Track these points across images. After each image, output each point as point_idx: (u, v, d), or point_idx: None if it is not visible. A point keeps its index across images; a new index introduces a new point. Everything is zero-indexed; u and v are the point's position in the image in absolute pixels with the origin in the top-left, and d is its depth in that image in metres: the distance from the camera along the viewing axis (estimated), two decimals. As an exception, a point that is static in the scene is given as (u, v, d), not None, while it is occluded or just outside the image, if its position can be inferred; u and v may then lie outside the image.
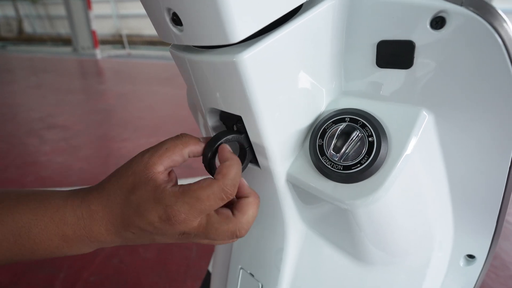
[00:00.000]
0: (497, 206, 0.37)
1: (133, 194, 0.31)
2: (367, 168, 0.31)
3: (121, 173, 0.33)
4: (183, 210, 0.30)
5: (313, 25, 0.29)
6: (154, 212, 0.31)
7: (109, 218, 0.32)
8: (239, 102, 0.30)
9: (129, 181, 0.32)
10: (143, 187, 0.31)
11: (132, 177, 0.32)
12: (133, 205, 0.31)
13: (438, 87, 0.30)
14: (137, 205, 0.31)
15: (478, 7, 0.25)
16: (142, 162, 0.32)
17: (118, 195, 0.32)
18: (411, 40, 0.29)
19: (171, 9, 0.26)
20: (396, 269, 0.42)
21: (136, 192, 0.31)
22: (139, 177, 0.32)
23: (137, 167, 0.32)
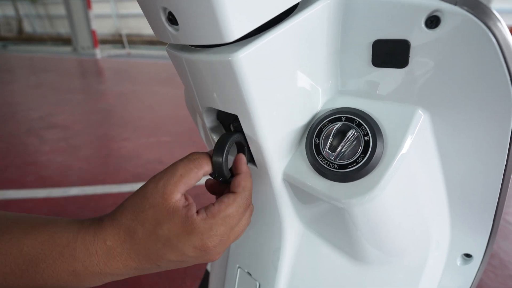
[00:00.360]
0: (494, 205, 0.37)
1: (160, 229, 0.31)
2: (363, 167, 0.31)
3: (137, 207, 0.32)
4: (219, 233, 0.31)
5: (308, 24, 0.29)
6: (189, 243, 0.31)
7: (129, 254, 0.31)
8: (235, 101, 0.30)
9: (149, 216, 0.31)
10: (170, 221, 0.31)
11: (152, 210, 0.31)
12: (162, 240, 0.31)
13: (434, 86, 0.30)
14: (167, 239, 0.31)
15: (472, 6, 0.25)
16: (158, 193, 0.31)
17: (140, 231, 0.31)
18: (406, 39, 0.29)
19: (167, 8, 0.26)
20: (393, 268, 0.42)
21: (163, 227, 0.30)
22: (160, 211, 0.31)
23: (154, 199, 0.31)
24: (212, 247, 0.31)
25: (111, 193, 2.11)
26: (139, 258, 0.31)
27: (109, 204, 1.97)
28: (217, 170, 0.33)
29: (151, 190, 0.31)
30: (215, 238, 0.31)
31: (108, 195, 2.09)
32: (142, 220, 0.31)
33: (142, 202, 0.31)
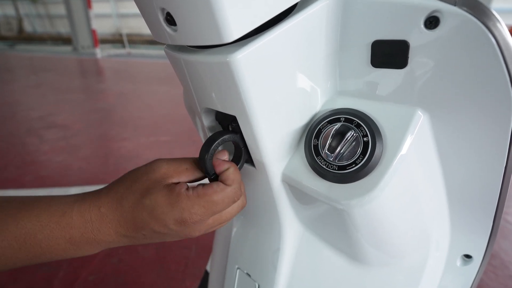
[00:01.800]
0: (494, 206, 0.37)
1: (146, 198, 0.32)
2: (362, 168, 0.31)
3: (135, 178, 0.34)
4: (199, 213, 0.32)
5: (307, 24, 0.29)
6: (170, 215, 0.32)
7: (119, 221, 0.33)
8: (233, 102, 0.30)
9: (143, 186, 0.33)
10: (157, 191, 0.32)
11: (147, 183, 0.33)
12: (147, 209, 0.32)
13: (433, 87, 0.30)
14: (151, 208, 0.32)
15: (471, 7, 0.25)
16: (160, 171, 0.33)
17: (130, 199, 0.33)
18: (406, 40, 0.28)
19: (165, 9, 0.26)
20: (393, 269, 0.42)
21: (149, 196, 0.32)
22: (154, 184, 0.33)
23: (154, 174, 0.33)
24: (191, 223, 0.33)
25: (111, 193, 2.11)
26: (127, 225, 0.33)
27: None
28: (201, 165, 0.34)
29: (154, 168, 0.34)
30: (195, 216, 0.32)
31: (108, 195, 2.08)
32: (135, 189, 0.33)
33: (141, 175, 0.34)
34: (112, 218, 0.33)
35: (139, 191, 0.33)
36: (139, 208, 0.32)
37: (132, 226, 0.33)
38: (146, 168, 0.34)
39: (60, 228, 0.32)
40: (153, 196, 0.32)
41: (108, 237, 0.33)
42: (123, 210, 0.33)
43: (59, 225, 0.32)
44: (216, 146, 0.33)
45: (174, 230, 0.33)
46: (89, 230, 0.33)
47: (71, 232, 0.32)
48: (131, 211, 0.33)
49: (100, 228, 0.33)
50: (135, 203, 0.33)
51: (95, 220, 0.33)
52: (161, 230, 0.33)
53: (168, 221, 0.32)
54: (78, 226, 0.32)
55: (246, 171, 0.38)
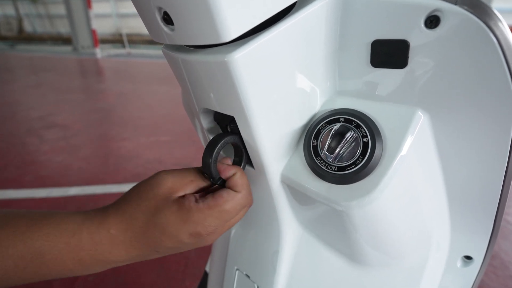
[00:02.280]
0: (494, 207, 0.37)
1: (157, 217, 0.32)
2: (362, 169, 0.31)
3: (141, 196, 0.33)
4: (213, 224, 0.32)
5: (306, 24, 0.29)
6: (184, 231, 0.32)
7: (131, 242, 0.33)
8: (231, 102, 0.29)
9: (151, 204, 0.32)
10: (167, 208, 0.32)
11: (154, 200, 0.32)
12: (159, 228, 0.32)
13: (434, 87, 0.29)
14: (163, 227, 0.32)
15: (472, 6, 0.25)
16: (165, 186, 0.33)
17: (140, 219, 0.32)
18: (406, 39, 0.28)
19: (162, 8, 0.26)
20: (393, 270, 0.42)
21: (159, 215, 0.32)
22: (161, 201, 0.32)
23: (159, 190, 0.33)
24: (206, 235, 0.33)
25: (111, 193, 2.11)
26: (140, 245, 0.33)
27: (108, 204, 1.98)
28: (205, 171, 0.34)
29: (159, 183, 0.33)
30: (209, 228, 0.32)
31: (107, 194, 2.09)
32: (144, 208, 0.32)
33: (147, 192, 0.33)
34: (123, 239, 0.32)
35: (149, 209, 0.32)
36: (151, 227, 0.32)
37: (144, 246, 0.33)
38: (151, 183, 0.33)
39: (70, 250, 0.31)
40: (164, 214, 0.32)
41: (119, 258, 0.33)
42: (134, 231, 0.32)
43: (69, 246, 0.31)
44: (219, 149, 0.33)
45: (189, 244, 0.33)
46: (99, 252, 0.32)
47: (81, 254, 0.32)
48: (143, 231, 0.32)
49: (111, 250, 0.32)
50: (146, 222, 0.32)
51: (106, 243, 0.32)
52: (175, 245, 0.33)
53: (182, 237, 0.32)
54: (88, 248, 0.32)
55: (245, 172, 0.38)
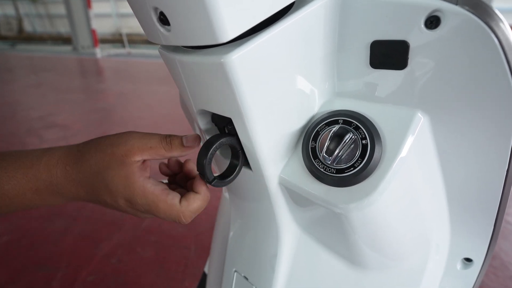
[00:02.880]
0: (495, 209, 0.36)
1: (105, 172, 0.34)
2: (361, 171, 0.30)
3: (101, 147, 0.35)
4: (143, 207, 0.36)
5: (304, 24, 0.28)
6: (121, 194, 0.35)
7: (80, 182, 0.35)
8: (229, 104, 0.29)
9: (106, 159, 0.35)
10: (116, 169, 0.34)
11: (110, 156, 0.35)
12: (104, 182, 0.35)
13: (434, 88, 0.29)
14: (107, 183, 0.35)
15: (473, 6, 0.24)
16: (124, 147, 0.35)
17: (92, 167, 0.35)
18: (405, 40, 0.28)
19: (158, 8, 0.25)
20: (392, 273, 0.41)
21: (109, 171, 0.34)
22: (115, 160, 0.35)
23: (117, 150, 0.35)
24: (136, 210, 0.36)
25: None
26: (86, 189, 0.36)
27: (108, 204, 1.97)
28: (200, 171, 0.34)
29: (119, 142, 0.35)
30: (139, 207, 0.36)
31: (107, 195, 2.09)
32: (97, 160, 0.35)
33: (106, 146, 0.35)
34: (75, 178, 0.35)
35: (102, 162, 0.35)
36: (98, 178, 0.35)
37: (89, 191, 0.36)
38: (115, 139, 0.36)
39: (27, 180, 0.34)
40: (112, 172, 0.34)
41: (70, 193, 0.36)
42: (85, 175, 0.35)
43: (26, 176, 0.35)
44: (214, 150, 0.33)
45: (123, 207, 0.36)
46: (54, 183, 0.35)
47: (37, 184, 0.35)
48: (91, 178, 0.35)
49: (64, 184, 0.35)
50: (96, 172, 0.35)
51: (60, 176, 0.35)
52: (113, 204, 0.36)
53: (119, 199, 0.35)
54: (43, 178, 0.35)
55: (243, 173, 0.38)
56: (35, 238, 1.68)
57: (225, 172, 0.36)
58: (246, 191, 0.42)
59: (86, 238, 1.67)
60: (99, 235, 1.70)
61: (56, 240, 1.65)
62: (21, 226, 1.76)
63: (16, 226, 1.76)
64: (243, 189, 0.42)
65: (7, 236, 1.69)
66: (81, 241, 1.65)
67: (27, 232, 1.72)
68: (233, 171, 0.35)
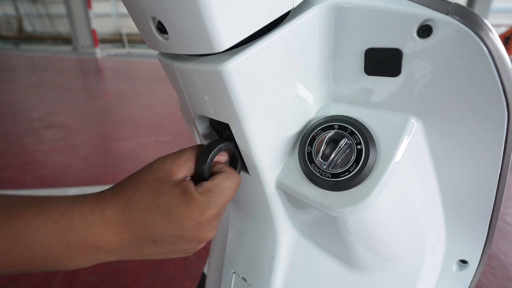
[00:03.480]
0: (489, 212, 0.37)
1: (159, 199, 0.30)
2: (356, 176, 0.31)
3: (141, 179, 0.32)
4: (217, 204, 0.32)
5: (299, 32, 0.29)
6: (188, 215, 0.30)
7: (127, 225, 0.30)
8: (226, 110, 0.30)
9: (151, 187, 0.31)
10: (171, 192, 0.30)
11: (155, 183, 0.31)
12: (162, 210, 0.30)
13: (427, 95, 0.30)
14: (167, 209, 0.30)
15: (463, 16, 0.25)
16: (163, 168, 0.32)
17: (140, 201, 0.30)
18: (399, 48, 0.28)
19: (156, 17, 0.26)
20: (388, 275, 0.42)
21: (162, 197, 0.30)
22: (162, 183, 0.31)
23: (159, 173, 0.32)
24: (211, 219, 0.32)
25: (110, 193, 2.11)
26: (136, 230, 0.31)
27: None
28: (200, 176, 0.34)
29: (158, 166, 0.32)
30: (214, 209, 0.31)
31: (107, 195, 2.09)
32: (144, 191, 0.31)
33: (146, 175, 0.32)
34: (119, 221, 0.30)
35: (150, 192, 0.30)
36: (152, 209, 0.30)
37: (142, 231, 0.31)
38: (149, 169, 0.33)
39: (58, 229, 0.29)
40: (167, 197, 0.30)
41: (110, 244, 0.30)
42: (132, 213, 0.30)
43: (58, 225, 0.29)
44: (213, 155, 0.33)
45: (192, 231, 0.31)
46: (90, 234, 0.29)
47: (70, 235, 0.29)
48: (142, 214, 0.30)
49: (103, 233, 0.30)
50: (147, 204, 0.30)
51: (99, 224, 0.30)
52: (177, 234, 0.31)
53: (186, 223, 0.30)
54: (78, 228, 0.29)
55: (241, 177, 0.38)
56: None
57: None
58: (244, 195, 0.42)
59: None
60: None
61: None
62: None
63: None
64: (241, 192, 0.42)
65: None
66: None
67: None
68: None
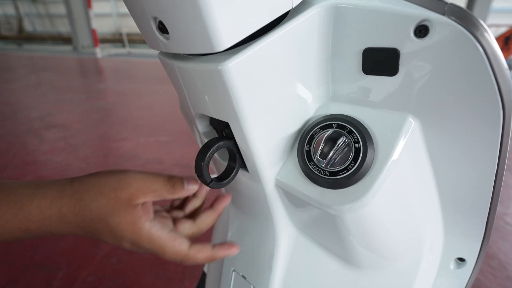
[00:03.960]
0: (486, 210, 0.37)
1: (110, 218, 0.34)
2: (354, 174, 0.31)
3: (103, 191, 0.34)
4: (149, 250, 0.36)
5: (298, 32, 0.29)
6: (128, 238, 0.35)
7: (78, 225, 0.34)
8: (226, 109, 0.30)
9: (109, 204, 0.34)
10: (122, 215, 0.34)
11: (113, 202, 0.34)
12: (108, 227, 0.34)
13: (424, 94, 0.30)
14: (112, 228, 0.34)
15: (460, 16, 0.25)
16: (128, 191, 0.34)
17: (94, 212, 0.34)
18: (396, 48, 0.29)
19: (157, 17, 0.26)
20: (386, 273, 0.42)
21: (113, 218, 0.34)
22: (119, 205, 0.34)
23: (121, 194, 0.34)
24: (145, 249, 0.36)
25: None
26: (85, 230, 0.35)
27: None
28: (197, 173, 0.35)
29: (123, 186, 0.34)
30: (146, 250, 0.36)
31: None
32: (101, 205, 0.34)
33: (109, 190, 0.34)
34: (73, 221, 0.34)
35: (105, 208, 0.34)
36: (101, 224, 0.34)
37: (89, 232, 0.35)
38: (117, 182, 0.35)
39: (17, 220, 0.33)
40: (118, 219, 0.34)
41: (64, 232, 0.35)
42: (85, 218, 0.34)
43: (16, 217, 0.33)
44: (212, 153, 0.33)
45: (126, 248, 0.36)
46: (47, 224, 0.34)
47: (28, 224, 0.33)
48: (93, 223, 0.34)
49: (58, 225, 0.34)
50: (99, 218, 0.34)
51: (55, 219, 0.34)
52: (115, 244, 0.36)
53: (124, 243, 0.35)
54: (35, 220, 0.33)
55: (240, 175, 0.39)
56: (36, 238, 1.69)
57: (222, 174, 0.37)
58: (244, 193, 0.43)
59: (86, 238, 1.68)
60: (99, 235, 1.71)
61: (56, 240, 1.66)
62: (21, 226, 1.77)
63: (16, 226, 1.77)
64: (240, 190, 0.43)
65: (7, 236, 1.70)
66: (81, 241, 1.66)
67: (27, 232, 1.73)
68: (230, 173, 0.36)
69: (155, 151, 2.74)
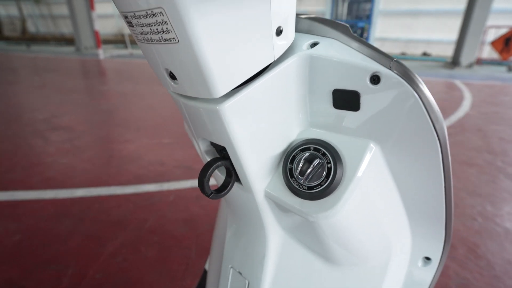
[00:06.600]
0: (443, 215, 0.45)
1: None
2: (326, 188, 0.38)
3: None
4: None
5: (281, 77, 0.37)
6: None
7: None
8: (223, 137, 0.37)
9: None
10: None
11: None
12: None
13: (381, 126, 0.37)
14: None
15: (401, 71, 0.33)
16: None
17: None
18: (357, 90, 0.36)
19: (168, 69, 0.34)
20: (361, 268, 0.50)
21: None
22: None
23: None
24: None
25: (115, 194, 2.17)
26: None
27: (113, 205, 2.04)
28: (200, 187, 0.41)
29: None
30: None
31: (112, 196, 2.15)
32: None
33: None
34: None
35: None
36: None
37: None
38: None
39: None
40: None
41: None
42: None
43: None
44: (212, 170, 0.40)
45: None
46: None
47: None
48: None
49: None
50: None
51: None
52: None
53: None
54: None
55: (236, 188, 0.46)
56: (45, 237, 1.74)
57: (220, 187, 0.44)
58: (239, 202, 0.50)
59: (92, 238, 1.73)
60: (105, 235, 1.76)
61: (64, 240, 1.72)
62: (31, 226, 1.83)
63: (26, 226, 1.83)
64: (236, 200, 0.50)
65: (19, 235, 1.76)
66: (88, 240, 1.71)
67: (37, 232, 1.79)
68: (226, 186, 0.44)
69: (158, 153, 2.79)
